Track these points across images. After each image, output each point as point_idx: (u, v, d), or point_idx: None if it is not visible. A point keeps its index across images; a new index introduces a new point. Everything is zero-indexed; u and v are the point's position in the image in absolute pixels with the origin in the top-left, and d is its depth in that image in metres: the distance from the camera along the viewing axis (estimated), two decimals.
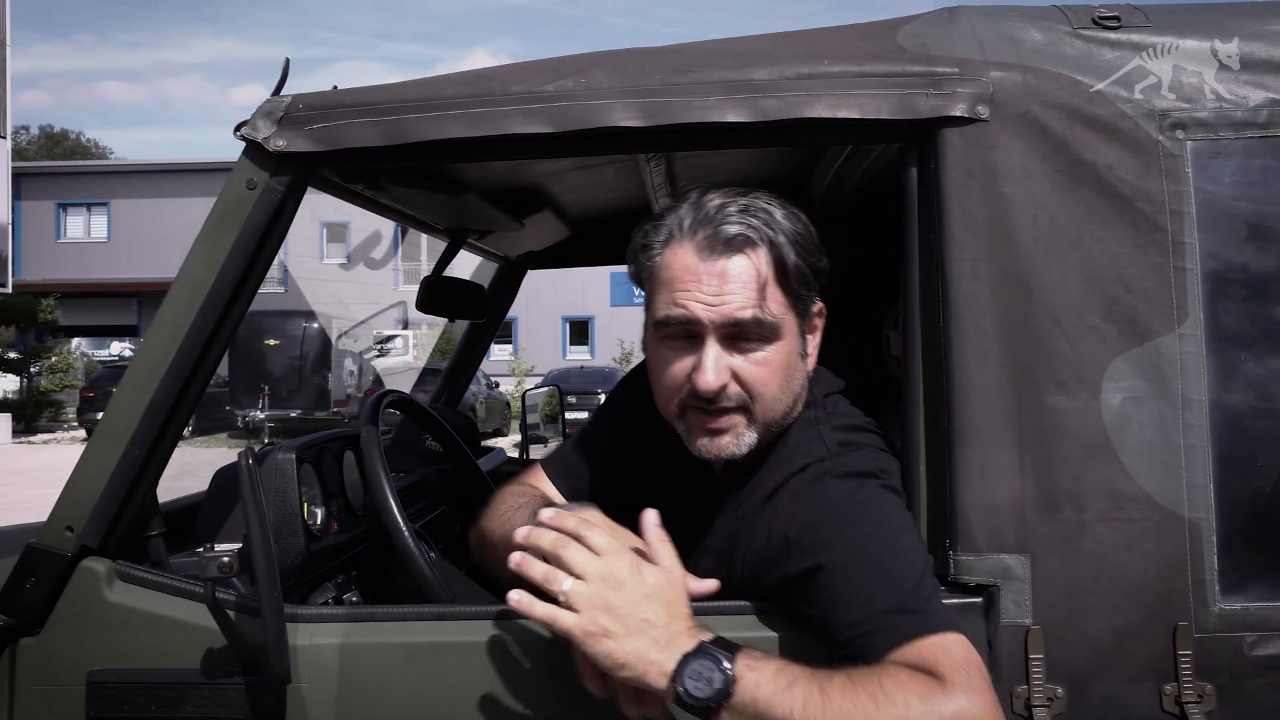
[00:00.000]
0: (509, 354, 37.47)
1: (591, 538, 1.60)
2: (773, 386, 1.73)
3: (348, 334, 27.35)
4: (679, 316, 1.71)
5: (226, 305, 1.87)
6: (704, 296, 1.69)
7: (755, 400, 1.73)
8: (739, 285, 1.69)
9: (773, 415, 1.76)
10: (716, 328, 1.70)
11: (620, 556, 1.59)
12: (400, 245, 39.49)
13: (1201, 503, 1.72)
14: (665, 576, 1.60)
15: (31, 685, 1.84)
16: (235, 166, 1.88)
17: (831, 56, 1.81)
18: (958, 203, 1.75)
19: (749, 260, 1.70)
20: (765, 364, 1.72)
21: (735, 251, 1.70)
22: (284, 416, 22.59)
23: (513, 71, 1.88)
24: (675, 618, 1.55)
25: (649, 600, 1.55)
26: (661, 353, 1.77)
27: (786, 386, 1.76)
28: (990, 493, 1.73)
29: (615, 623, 1.53)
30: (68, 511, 1.86)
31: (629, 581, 1.56)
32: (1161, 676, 1.71)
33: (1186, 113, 1.76)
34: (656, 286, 1.77)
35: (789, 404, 1.78)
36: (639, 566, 1.59)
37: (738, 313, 1.69)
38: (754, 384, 1.72)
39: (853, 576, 1.57)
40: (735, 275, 1.69)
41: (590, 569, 1.56)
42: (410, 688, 1.77)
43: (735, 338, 1.71)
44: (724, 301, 1.69)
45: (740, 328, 1.70)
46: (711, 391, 1.69)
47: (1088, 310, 1.73)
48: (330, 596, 2.34)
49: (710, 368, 1.69)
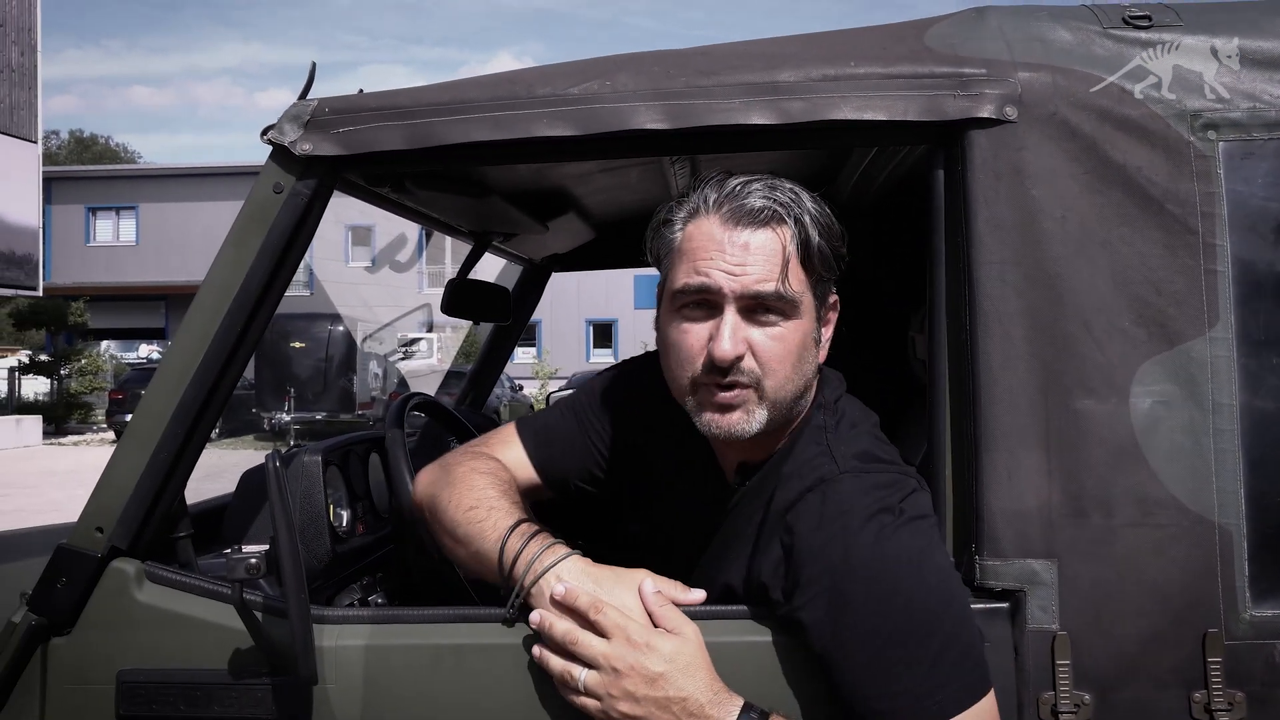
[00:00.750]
0: (533, 357, 37.53)
1: (602, 619, 1.64)
2: (786, 365, 1.71)
3: (373, 337, 27.44)
4: (698, 284, 1.69)
5: (253, 308, 1.88)
6: (726, 265, 1.68)
7: (767, 376, 1.70)
8: (762, 257, 1.68)
9: (783, 396, 1.73)
10: (736, 298, 1.68)
11: (631, 635, 1.62)
12: (425, 248, 39.55)
13: (1232, 508, 1.71)
14: (679, 643, 1.63)
15: (63, 684, 1.85)
16: (262, 170, 1.89)
17: (858, 58, 1.80)
18: (985, 205, 1.74)
19: (774, 234, 1.69)
20: (781, 340, 1.70)
21: (760, 224, 1.69)
22: (310, 419, 22.71)
23: (537, 75, 1.88)
24: (697, 689, 1.60)
25: (666, 679, 1.60)
26: (678, 325, 1.74)
27: (799, 368, 1.73)
28: (1017, 497, 1.71)
29: (635, 706, 1.60)
30: (97, 513, 1.87)
31: (643, 663, 1.61)
32: (1190, 684, 1.70)
33: (1219, 113, 1.74)
34: (676, 259, 1.75)
35: (799, 388, 1.75)
36: (651, 643, 1.62)
37: (758, 284, 1.67)
38: (769, 359, 1.69)
39: (868, 658, 1.55)
40: (758, 247, 1.68)
41: (603, 655, 1.62)
42: (436, 689, 1.77)
43: (753, 310, 1.69)
44: (745, 272, 1.67)
45: (760, 300, 1.68)
46: (728, 360, 1.67)
47: (1117, 313, 1.72)
48: (356, 598, 2.35)
49: (728, 335, 1.67)
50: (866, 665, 1.55)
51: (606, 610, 1.64)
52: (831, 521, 1.63)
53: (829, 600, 1.59)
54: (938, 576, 1.61)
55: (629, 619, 1.64)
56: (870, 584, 1.57)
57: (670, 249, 1.78)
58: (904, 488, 1.69)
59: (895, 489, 1.68)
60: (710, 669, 1.64)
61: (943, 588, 1.60)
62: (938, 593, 1.59)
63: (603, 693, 1.62)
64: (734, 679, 1.66)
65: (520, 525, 1.78)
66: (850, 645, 1.57)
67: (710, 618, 1.73)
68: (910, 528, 1.63)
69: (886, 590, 1.56)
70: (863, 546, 1.59)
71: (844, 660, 1.57)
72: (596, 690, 1.62)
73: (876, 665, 1.55)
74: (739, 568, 1.76)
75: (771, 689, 1.69)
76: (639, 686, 1.60)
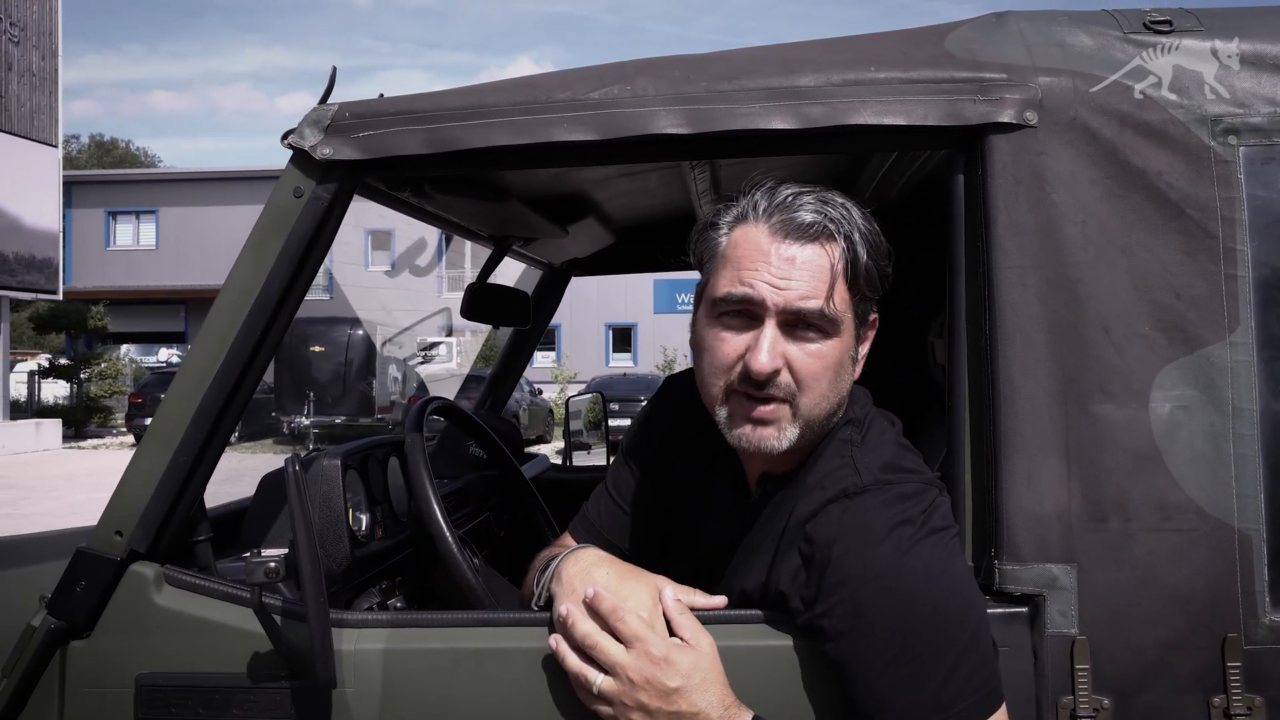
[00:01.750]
0: (552, 361, 37.56)
1: (622, 626, 1.64)
2: (823, 383, 1.69)
3: (392, 341, 27.50)
4: (741, 294, 1.67)
5: (273, 312, 1.88)
6: (771, 278, 1.66)
7: (803, 393, 1.68)
8: (808, 273, 1.66)
9: (816, 414, 1.71)
10: (779, 312, 1.66)
11: (650, 649, 1.62)
12: (444, 252, 39.68)
13: (1252, 513, 1.70)
14: (696, 658, 1.64)
15: (81, 687, 1.86)
16: (282, 174, 1.89)
17: (878, 63, 1.80)
18: (1005, 210, 1.74)
19: (823, 250, 1.67)
20: (820, 357, 1.68)
21: (810, 239, 1.67)
22: (329, 423, 22.77)
23: (557, 79, 1.89)
24: (709, 704, 1.61)
25: (680, 694, 1.61)
26: (715, 331, 1.72)
27: (834, 386, 1.72)
28: (1037, 502, 1.71)
29: (648, 718, 1.62)
30: (117, 516, 1.88)
31: (659, 678, 1.61)
32: (1210, 688, 1.69)
33: (1239, 118, 1.74)
34: (720, 264, 1.73)
35: (832, 406, 1.74)
36: (669, 657, 1.62)
37: (802, 301, 1.65)
38: (806, 376, 1.68)
39: (882, 669, 1.55)
40: (805, 263, 1.66)
41: (620, 665, 1.63)
42: (454, 693, 1.77)
43: (794, 325, 1.67)
44: (790, 287, 1.65)
45: (801, 316, 1.66)
46: (764, 374, 1.65)
47: (1137, 318, 1.71)
48: (375, 602, 2.36)
49: (766, 349, 1.65)
50: (880, 676, 1.55)
51: (627, 619, 1.64)
52: (851, 533, 1.63)
53: (846, 610, 1.58)
54: (956, 589, 1.60)
55: (649, 631, 1.64)
56: (887, 595, 1.57)
57: (714, 253, 1.75)
58: (926, 498, 1.68)
59: (917, 500, 1.67)
60: (723, 682, 1.64)
61: (960, 601, 1.59)
62: (954, 606, 1.58)
63: (617, 700, 1.63)
64: (752, 684, 1.67)
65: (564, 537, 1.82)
66: (865, 656, 1.56)
67: (729, 622, 1.73)
68: (931, 540, 1.62)
69: (903, 602, 1.56)
70: (882, 558, 1.58)
71: (859, 670, 1.57)
72: (611, 697, 1.63)
73: (890, 676, 1.54)
74: (758, 577, 1.75)
75: (789, 695, 1.69)
76: (653, 700, 1.60)
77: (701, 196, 3.06)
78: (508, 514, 3.18)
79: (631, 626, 1.63)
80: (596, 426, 5.35)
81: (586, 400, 5.70)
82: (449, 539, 2.14)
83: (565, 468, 4.37)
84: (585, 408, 5.65)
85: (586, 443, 5.23)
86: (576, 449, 4.86)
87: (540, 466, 4.05)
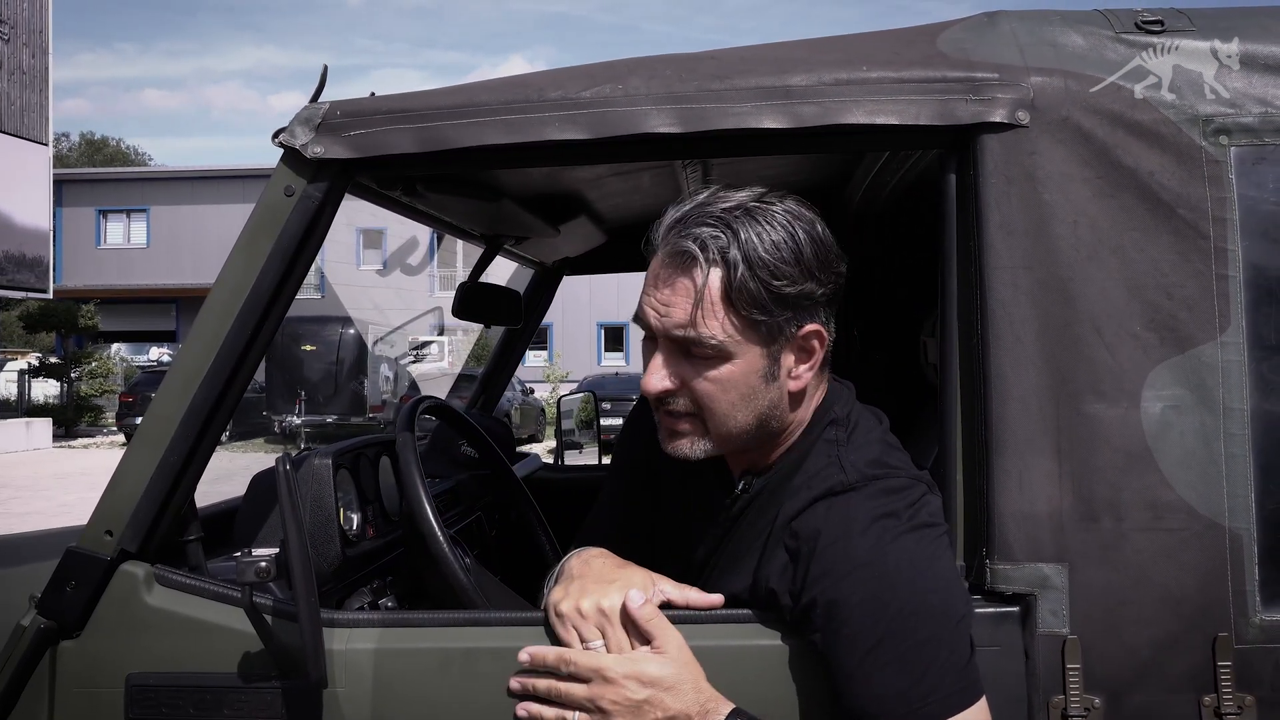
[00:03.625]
0: (544, 360, 37.54)
1: (574, 668, 1.66)
2: (722, 403, 1.70)
3: (384, 340, 27.52)
4: (637, 317, 1.73)
5: (264, 311, 1.88)
6: (655, 304, 1.69)
7: (704, 412, 1.71)
8: (680, 299, 1.66)
9: (729, 428, 1.72)
10: (664, 335, 1.70)
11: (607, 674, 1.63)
12: (436, 251, 39.67)
13: (1243, 513, 1.70)
14: (660, 666, 1.64)
15: (71, 688, 1.85)
16: (273, 173, 1.89)
17: (870, 62, 1.80)
18: (997, 209, 1.74)
19: (691, 279, 1.66)
20: (714, 380, 1.69)
21: (681, 268, 1.67)
22: (320, 422, 22.78)
23: (549, 78, 1.88)
24: (684, 704, 1.62)
25: (651, 704, 1.61)
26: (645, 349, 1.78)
27: (747, 402, 1.71)
28: (1028, 501, 1.71)
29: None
30: (107, 516, 1.87)
31: (625, 696, 1.62)
32: (1201, 688, 1.69)
33: (1231, 118, 1.74)
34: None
35: (752, 419, 1.73)
36: (630, 674, 1.63)
37: (675, 329, 1.67)
38: (702, 396, 1.70)
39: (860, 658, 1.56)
40: (680, 288, 1.67)
41: (588, 701, 1.64)
42: (445, 693, 1.77)
43: (686, 348, 1.69)
44: (667, 314, 1.68)
45: (684, 341, 1.68)
46: (649, 394, 1.72)
47: (1128, 318, 1.72)
48: (366, 602, 2.35)
49: (651, 371, 1.71)
50: (861, 664, 1.56)
51: (575, 658, 1.66)
52: (836, 525, 1.64)
53: (829, 599, 1.60)
54: (937, 583, 1.61)
55: (601, 658, 1.65)
56: (866, 585, 1.58)
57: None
58: (913, 493, 1.69)
59: (903, 494, 1.68)
60: (697, 679, 1.65)
61: (941, 594, 1.60)
62: (935, 598, 1.59)
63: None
64: (742, 683, 1.67)
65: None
66: (844, 644, 1.58)
67: (720, 622, 1.73)
68: (916, 535, 1.63)
69: (883, 592, 1.57)
70: (863, 550, 1.60)
71: (841, 658, 1.58)
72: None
73: (871, 664, 1.55)
74: (746, 579, 1.76)
75: (780, 695, 1.69)
76: (630, 717, 1.62)
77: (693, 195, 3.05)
78: (499, 513, 3.17)
79: (583, 662, 1.65)
80: (588, 426, 5.34)
81: (578, 399, 5.69)
82: (440, 538, 2.13)
83: (557, 467, 4.37)
84: (577, 407, 5.64)
85: (578, 442, 5.22)
86: (568, 448, 4.85)
87: (532, 466, 4.04)
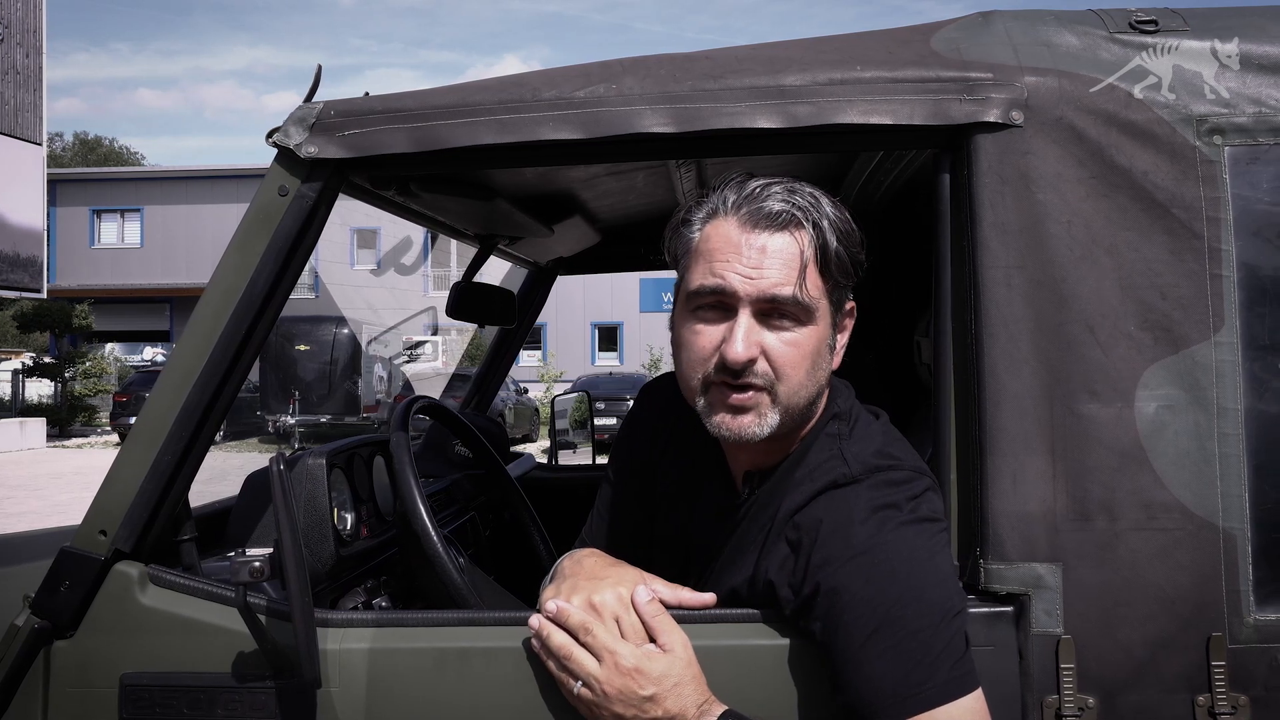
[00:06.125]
0: (538, 360, 37.55)
1: (591, 640, 1.67)
2: (800, 370, 1.70)
3: (378, 339, 27.50)
4: (713, 286, 1.68)
5: (258, 311, 1.88)
6: (743, 269, 1.66)
7: (781, 380, 1.69)
8: (779, 261, 1.66)
9: (796, 401, 1.71)
10: (752, 301, 1.67)
11: (620, 661, 1.64)
12: (430, 251, 39.65)
13: (1236, 512, 1.71)
14: (668, 663, 1.65)
15: (65, 687, 1.85)
16: (268, 173, 1.89)
17: (864, 62, 1.80)
18: (991, 209, 1.74)
19: (792, 238, 1.67)
20: (795, 345, 1.68)
21: (779, 228, 1.67)
22: (314, 421, 22.78)
23: (544, 78, 1.88)
24: (684, 705, 1.63)
25: (653, 701, 1.63)
26: (692, 325, 1.73)
27: (812, 374, 1.72)
28: (1022, 501, 1.71)
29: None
30: (101, 516, 1.87)
31: (631, 689, 1.63)
32: (1195, 687, 1.70)
33: (1224, 118, 1.74)
34: (694, 259, 1.74)
35: (812, 394, 1.74)
36: (639, 668, 1.64)
37: (775, 289, 1.65)
38: (782, 364, 1.68)
39: (858, 644, 1.57)
40: (776, 251, 1.67)
41: (593, 677, 1.65)
42: (439, 692, 1.77)
43: (768, 314, 1.68)
44: (762, 276, 1.66)
45: (775, 304, 1.67)
46: (740, 362, 1.66)
47: (1122, 318, 1.72)
48: (360, 601, 2.35)
49: (741, 338, 1.66)
50: (857, 651, 1.56)
51: (596, 631, 1.67)
52: (837, 514, 1.66)
53: (829, 586, 1.60)
54: (935, 577, 1.61)
55: (618, 642, 1.66)
56: (865, 571, 1.59)
57: (688, 249, 1.76)
58: (915, 486, 1.70)
59: (905, 486, 1.69)
60: (698, 681, 1.66)
61: (938, 589, 1.60)
62: (932, 592, 1.59)
63: (595, 711, 1.66)
64: (741, 682, 1.68)
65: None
66: (843, 631, 1.58)
67: (719, 621, 1.74)
68: (916, 528, 1.63)
69: (885, 577, 1.58)
70: (863, 538, 1.61)
71: (840, 645, 1.59)
72: (589, 706, 1.66)
73: (866, 651, 1.56)
74: (746, 572, 1.76)
75: (780, 694, 1.70)
76: (628, 709, 1.63)
77: (688, 195, 3.06)
78: (493, 513, 3.17)
79: (600, 640, 1.66)
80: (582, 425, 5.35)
81: (572, 399, 5.70)
82: (434, 538, 2.14)
83: (551, 467, 4.36)
84: (571, 407, 5.66)
85: (572, 442, 5.23)
86: (562, 448, 4.86)
87: (526, 465, 4.04)
